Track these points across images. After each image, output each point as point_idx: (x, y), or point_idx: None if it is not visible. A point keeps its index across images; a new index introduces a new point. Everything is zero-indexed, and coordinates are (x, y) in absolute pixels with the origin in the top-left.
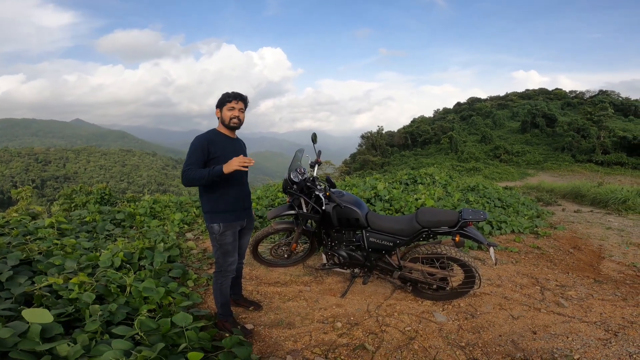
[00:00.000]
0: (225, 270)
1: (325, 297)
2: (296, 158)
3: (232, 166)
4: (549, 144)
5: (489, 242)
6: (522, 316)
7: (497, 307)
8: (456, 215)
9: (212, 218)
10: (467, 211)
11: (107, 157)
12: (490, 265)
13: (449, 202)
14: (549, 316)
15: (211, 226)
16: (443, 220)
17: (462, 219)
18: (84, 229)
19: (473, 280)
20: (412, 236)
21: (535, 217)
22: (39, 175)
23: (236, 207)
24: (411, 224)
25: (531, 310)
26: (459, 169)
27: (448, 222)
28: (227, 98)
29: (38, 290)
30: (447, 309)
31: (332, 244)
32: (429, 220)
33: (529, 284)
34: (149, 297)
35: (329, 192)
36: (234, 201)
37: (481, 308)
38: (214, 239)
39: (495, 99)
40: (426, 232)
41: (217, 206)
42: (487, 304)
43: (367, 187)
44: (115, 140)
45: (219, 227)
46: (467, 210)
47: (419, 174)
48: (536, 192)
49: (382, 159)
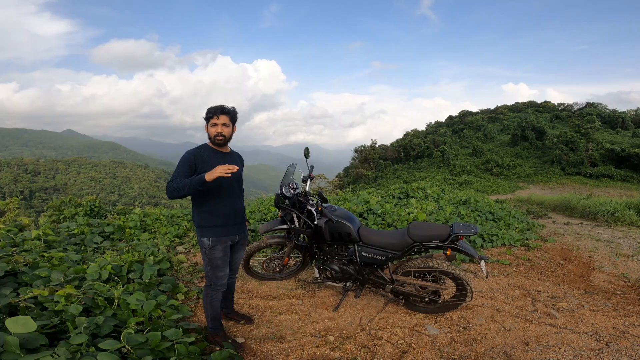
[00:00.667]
0: (215, 285)
1: (317, 311)
2: (288, 172)
3: (215, 173)
4: (538, 157)
5: (480, 256)
6: (514, 328)
7: (489, 319)
8: (447, 229)
9: (202, 232)
10: (458, 225)
11: (98, 169)
12: (482, 277)
13: (441, 215)
14: (540, 327)
15: (201, 240)
16: (434, 234)
17: (453, 233)
18: (71, 241)
19: (465, 293)
20: (404, 250)
21: (526, 230)
22: (27, 187)
23: (227, 222)
24: (403, 238)
25: (523, 322)
26: (451, 182)
27: (439, 236)
28: (209, 113)
29: (23, 302)
30: (440, 322)
31: (325, 258)
32: (421, 235)
33: (521, 296)
34: (137, 309)
35: (321, 206)
36: (225, 216)
37: (473, 320)
38: (204, 253)
39: (486, 112)
40: (418, 246)
41: (207, 220)
42: (480, 316)
43: (359, 202)
44: (106, 152)
45: (208, 242)
46: (458, 224)
47: (412, 188)
48: (527, 205)
49: (376, 173)
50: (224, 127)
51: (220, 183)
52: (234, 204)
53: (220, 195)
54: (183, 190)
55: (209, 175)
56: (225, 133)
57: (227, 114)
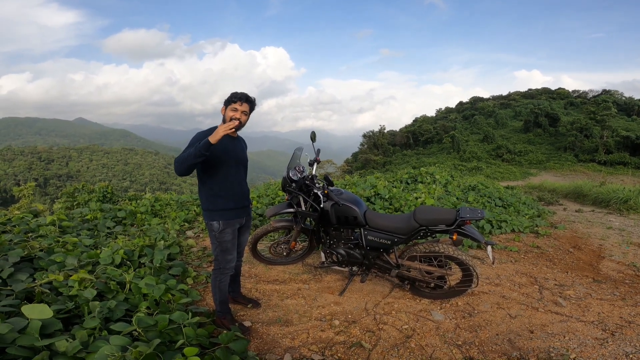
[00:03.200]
0: (224, 268)
1: (323, 295)
2: (295, 156)
3: (219, 133)
4: (551, 143)
5: (486, 241)
6: (520, 315)
7: (495, 306)
8: (454, 213)
9: (211, 215)
10: (464, 209)
11: (110, 156)
12: (489, 264)
13: (449, 201)
14: (546, 315)
15: (210, 224)
16: (441, 218)
17: (459, 217)
18: (85, 226)
19: (471, 279)
20: (410, 234)
21: (536, 217)
22: (41, 174)
23: (236, 205)
24: (409, 222)
25: (529, 310)
26: (460, 168)
27: (446, 221)
28: (234, 98)
29: (38, 287)
30: (445, 308)
31: (331, 242)
32: (427, 219)
33: (528, 283)
34: (148, 294)
35: (327, 190)
36: (234, 198)
37: (479, 307)
38: (213, 236)
39: (497, 99)
40: (424, 230)
41: (217, 204)
42: (485, 303)
43: (367, 186)
44: (117, 139)
45: (218, 225)
46: (464, 208)
47: (420, 173)
48: (538, 192)
49: (384, 158)
50: (242, 114)
51: (229, 166)
52: (241, 186)
53: (228, 178)
54: (189, 159)
55: (213, 137)
56: (242, 120)
57: (250, 103)
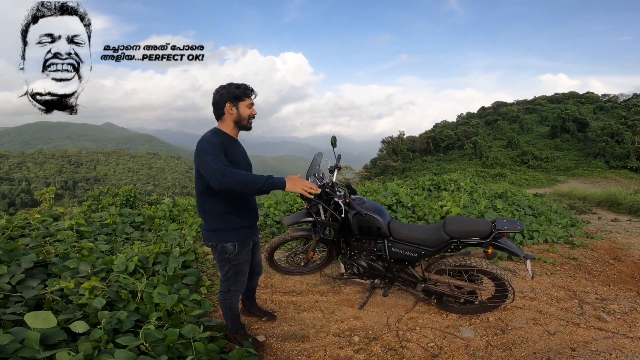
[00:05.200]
0: (236, 291)
1: (342, 309)
2: (315, 162)
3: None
4: (580, 149)
5: (525, 255)
6: (559, 332)
7: (530, 322)
8: (489, 225)
9: (224, 236)
10: (501, 221)
11: (135, 160)
12: (523, 276)
13: (475, 209)
14: (589, 332)
15: (224, 246)
16: (474, 230)
17: (496, 229)
18: (103, 231)
19: (505, 295)
20: (439, 247)
21: (570, 226)
22: (71, 177)
23: (250, 222)
24: (438, 234)
25: (569, 325)
26: (483, 175)
27: (480, 233)
28: (247, 92)
29: (49, 294)
30: (475, 324)
31: (352, 253)
32: (459, 231)
33: (566, 297)
34: (160, 304)
35: (348, 198)
36: (248, 214)
37: (513, 323)
38: (226, 259)
39: (522, 103)
40: (455, 243)
41: (232, 222)
42: (520, 319)
43: (388, 193)
44: (142, 144)
45: (233, 247)
46: (501, 219)
47: (443, 180)
48: (568, 200)
49: (403, 164)
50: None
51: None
52: (253, 198)
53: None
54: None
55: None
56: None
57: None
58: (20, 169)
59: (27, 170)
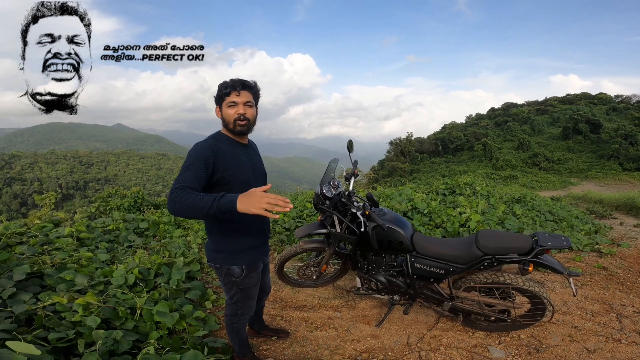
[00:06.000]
0: (243, 314)
1: (358, 326)
2: (329, 169)
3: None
4: (593, 151)
5: (569, 272)
6: (600, 349)
7: (567, 339)
8: (529, 241)
9: (231, 259)
10: (543, 236)
11: (145, 161)
12: (552, 288)
13: (493, 215)
14: (631, 348)
15: (230, 269)
16: (512, 246)
17: (538, 245)
18: (105, 238)
19: (542, 313)
20: (470, 264)
21: (594, 233)
22: (82, 177)
23: (260, 242)
24: (469, 250)
25: (610, 342)
26: (494, 177)
27: (519, 249)
28: (224, 89)
29: (41, 310)
30: (505, 342)
31: (369, 268)
32: (495, 247)
33: (602, 311)
34: (161, 322)
35: (368, 210)
36: (258, 234)
37: (547, 340)
38: (232, 282)
39: (533, 104)
40: (489, 260)
41: (239, 243)
42: (554, 335)
43: (403, 199)
44: (152, 145)
45: (240, 271)
46: (543, 234)
47: (458, 184)
48: (585, 203)
49: (411, 166)
50: (247, 107)
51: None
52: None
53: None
54: (199, 211)
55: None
56: (249, 115)
57: (250, 89)
58: (32, 169)
59: (39, 171)
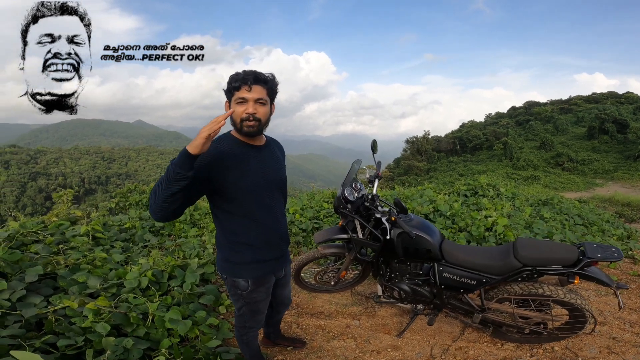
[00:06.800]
0: (252, 327)
1: (377, 336)
2: (352, 171)
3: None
4: (619, 151)
5: (618, 284)
6: None
7: (604, 351)
8: (575, 251)
9: (235, 270)
10: (591, 247)
11: (164, 157)
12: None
13: (520, 219)
14: None
15: (235, 281)
16: (556, 257)
17: (586, 257)
18: (121, 237)
19: (582, 325)
20: (506, 275)
21: (626, 238)
22: (104, 172)
23: (271, 255)
24: (506, 260)
25: None
26: (514, 177)
27: (564, 261)
28: (234, 82)
29: (51, 314)
30: (537, 354)
31: (392, 276)
32: (536, 257)
33: None
34: (173, 328)
35: (394, 217)
36: (268, 246)
37: (583, 352)
38: (239, 294)
39: (556, 103)
40: (529, 271)
41: (243, 255)
42: (591, 347)
43: (424, 201)
44: (170, 141)
45: (246, 284)
46: (590, 244)
47: (480, 185)
48: (612, 206)
49: (428, 165)
50: (258, 106)
51: (258, 196)
52: (278, 224)
53: (258, 215)
54: (163, 184)
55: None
56: (260, 115)
57: (265, 83)
58: (57, 164)
59: (63, 166)
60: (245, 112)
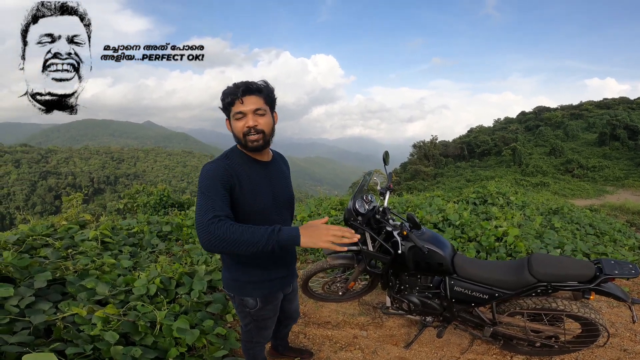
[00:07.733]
0: (259, 342)
1: (385, 347)
2: (364, 181)
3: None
4: (631, 158)
5: (633, 299)
6: None
7: None
8: (592, 268)
9: (244, 289)
10: (609, 263)
11: (171, 158)
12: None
13: (530, 228)
14: None
15: (243, 300)
16: (573, 274)
17: (603, 274)
18: (129, 241)
19: (593, 338)
20: (519, 290)
21: (638, 248)
22: (113, 172)
23: (280, 273)
24: (520, 275)
25: None
26: (523, 183)
27: (580, 277)
28: (227, 97)
29: (60, 321)
30: None
31: (401, 288)
32: (551, 273)
33: None
34: (181, 337)
35: (406, 230)
36: (276, 265)
37: None
38: (246, 312)
39: (567, 109)
40: (544, 287)
41: (252, 274)
42: (601, 359)
43: (433, 210)
44: (179, 142)
45: (255, 302)
46: (607, 261)
47: (489, 193)
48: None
49: (435, 170)
50: (257, 117)
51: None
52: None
53: None
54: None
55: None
56: (262, 126)
57: (259, 92)
58: (67, 164)
59: (73, 165)
60: (246, 126)
